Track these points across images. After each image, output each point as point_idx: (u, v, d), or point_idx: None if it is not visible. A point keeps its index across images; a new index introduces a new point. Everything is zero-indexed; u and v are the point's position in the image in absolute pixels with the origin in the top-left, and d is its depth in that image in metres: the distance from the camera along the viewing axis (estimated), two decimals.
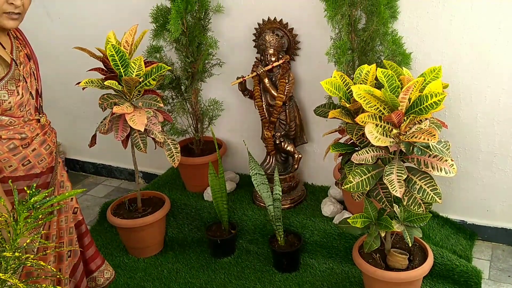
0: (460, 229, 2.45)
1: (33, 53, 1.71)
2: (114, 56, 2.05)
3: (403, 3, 2.17)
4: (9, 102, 1.50)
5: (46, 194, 1.04)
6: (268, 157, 2.64)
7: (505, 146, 2.26)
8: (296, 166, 2.59)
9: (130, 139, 2.20)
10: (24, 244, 1.04)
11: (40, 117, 1.67)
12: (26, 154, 1.59)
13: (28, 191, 1.07)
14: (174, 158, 2.22)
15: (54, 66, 3.21)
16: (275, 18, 2.45)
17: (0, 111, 1.50)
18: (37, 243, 1.06)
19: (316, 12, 2.27)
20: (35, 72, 1.66)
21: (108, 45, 2.06)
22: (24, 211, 0.97)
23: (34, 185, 1.06)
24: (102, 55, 2.19)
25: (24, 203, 0.97)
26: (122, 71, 2.08)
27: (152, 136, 2.16)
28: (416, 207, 1.70)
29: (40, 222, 1.08)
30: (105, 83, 2.05)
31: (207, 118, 2.76)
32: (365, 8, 2.10)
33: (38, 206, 0.99)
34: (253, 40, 2.57)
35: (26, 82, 1.58)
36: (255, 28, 2.53)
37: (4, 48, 1.54)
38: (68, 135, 3.48)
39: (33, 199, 0.98)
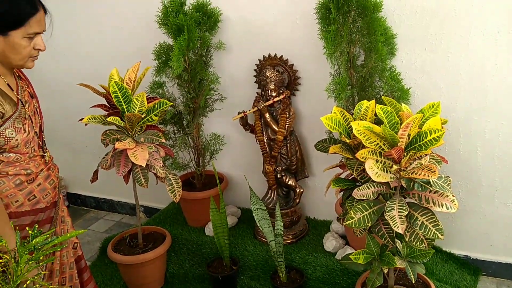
0: (464, 264, 2.42)
1: (35, 91, 1.76)
2: (117, 93, 2.09)
3: (400, 40, 2.21)
4: (16, 140, 1.54)
5: (48, 235, 1.04)
6: (270, 191, 2.63)
7: (506, 180, 2.26)
8: (297, 201, 2.58)
9: (131, 174, 2.20)
10: (24, 286, 1.04)
11: (45, 153, 1.71)
12: (32, 189, 1.62)
13: (30, 232, 1.07)
14: (175, 193, 2.22)
15: (58, 102, 3.26)
16: (275, 55, 2.50)
17: (8, 148, 1.54)
18: (38, 285, 1.06)
19: (316, 48, 2.31)
20: (38, 109, 1.71)
21: (111, 82, 2.10)
22: (26, 252, 0.97)
23: (36, 226, 1.06)
24: (105, 91, 2.22)
25: (25, 244, 0.97)
26: (124, 107, 2.11)
27: (153, 171, 2.17)
28: (418, 243, 1.69)
29: (41, 263, 1.08)
30: (108, 119, 2.07)
31: (209, 153, 2.78)
32: (363, 45, 2.15)
33: (39, 247, 0.99)
34: (254, 76, 2.61)
35: (31, 120, 1.62)
36: (256, 64, 2.57)
37: (12, 89, 1.59)
38: (70, 169, 3.49)
39: (34, 240, 0.98)
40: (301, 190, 2.57)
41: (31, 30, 1.49)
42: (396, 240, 1.79)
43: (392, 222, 1.61)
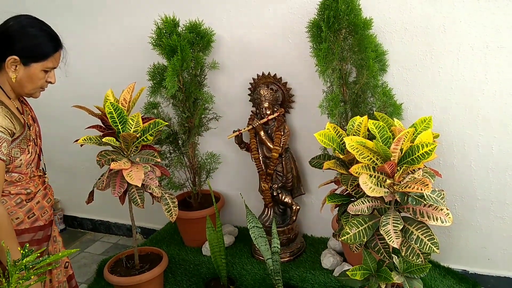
0: (462, 279, 2.41)
1: (36, 116, 1.84)
2: (113, 113, 2.10)
3: (391, 56, 2.24)
4: (20, 160, 1.59)
5: (39, 254, 1.05)
6: (266, 209, 2.63)
7: (501, 193, 2.26)
8: (294, 218, 2.58)
9: (127, 195, 2.20)
10: None
11: (45, 175, 1.78)
12: (31, 206, 1.66)
13: (21, 251, 1.07)
14: (171, 212, 2.22)
15: (53, 124, 3.27)
16: (269, 73, 2.53)
17: (11, 167, 1.59)
18: None
19: (308, 66, 2.34)
20: (39, 133, 1.78)
21: (106, 103, 2.11)
22: (17, 272, 0.97)
23: (27, 245, 1.07)
24: (100, 112, 2.24)
25: (16, 263, 0.96)
26: (120, 127, 2.12)
27: (149, 191, 2.17)
28: (414, 258, 1.68)
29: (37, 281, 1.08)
30: (103, 139, 2.08)
31: (205, 172, 2.78)
32: (355, 62, 2.18)
33: (30, 266, 0.99)
34: (249, 95, 2.64)
35: (35, 143, 1.69)
36: (250, 83, 2.60)
37: (21, 113, 1.66)
38: (66, 191, 3.49)
39: (25, 259, 0.98)
40: (298, 207, 2.57)
41: (50, 64, 1.62)
42: (392, 255, 1.79)
43: (388, 237, 1.61)
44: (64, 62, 1.73)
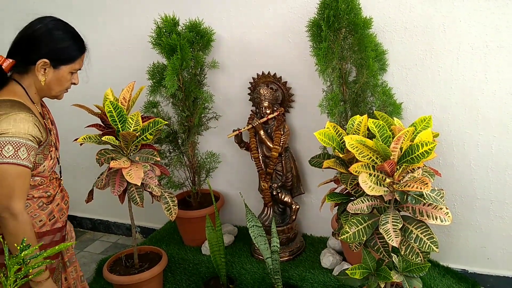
0: (462, 279, 2.41)
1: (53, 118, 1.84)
2: (112, 112, 2.10)
3: (391, 56, 2.24)
4: (43, 166, 1.59)
5: (36, 248, 1.04)
6: (266, 208, 2.63)
7: (500, 193, 2.27)
8: (294, 217, 2.58)
9: (127, 194, 2.20)
10: None
11: (61, 177, 1.78)
12: (52, 208, 1.67)
13: (18, 246, 1.07)
14: (171, 211, 2.22)
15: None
16: (269, 72, 2.53)
17: (35, 173, 1.58)
18: None
19: (308, 66, 2.34)
20: (57, 136, 1.79)
21: (106, 102, 2.11)
22: (14, 265, 0.97)
23: (25, 239, 1.07)
24: (100, 111, 2.24)
25: (14, 257, 0.97)
26: (119, 126, 2.12)
27: (149, 190, 2.17)
28: (414, 257, 1.68)
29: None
30: (103, 138, 2.08)
31: (204, 171, 2.78)
32: (355, 62, 2.18)
33: (28, 260, 0.99)
34: (248, 94, 2.64)
35: (56, 147, 1.70)
36: (250, 82, 2.60)
37: (43, 118, 1.65)
38: None
39: (23, 253, 0.98)
40: (297, 206, 2.57)
41: (77, 66, 1.64)
42: (392, 254, 1.79)
43: (387, 236, 1.61)
44: (87, 63, 1.74)
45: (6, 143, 1.40)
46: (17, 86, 1.56)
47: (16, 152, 1.41)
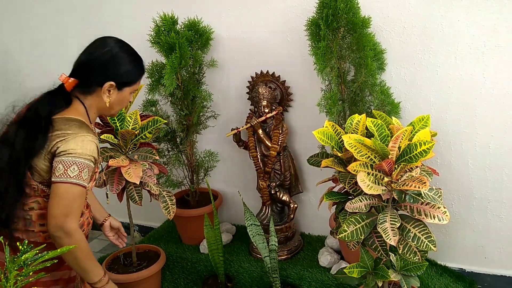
0: (459, 278, 2.42)
1: None
2: None
3: (390, 55, 2.25)
4: (89, 185, 1.56)
5: (38, 251, 1.04)
6: (264, 207, 2.64)
7: (498, 192, 2.27)
8: (292, 216, 2.58)
9: (125, 192, 2.20)
10: None
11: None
12: (83, 222, 1.66)
13: (21, 247, 1.07)
14: (169, 210, 2.22)
15: None
16: (267, 71, 2.53)
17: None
18: None
19: (307, 65, 2.35)
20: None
21: None
22: (15, 268, 0.97)
23: (26, 241, 1.06)
24: None
25: (15, 259, 0.96)
26: (118, 125, 2.12)
27: (147, 189, 2.18)
28: (411, 255, 1.69)
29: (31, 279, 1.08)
30: (101, 136, 2.09)
31: (203, 170, 2.78)
32: (353, 61, 2.18)
33: (29, 262, 0.99)
34: (247, 93, 2.64)
35: (98, 166, 1.68)
36: (248, 81, 2.60)
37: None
38: None
39: (24, 256, 0.98)
40: (295, 205, 2.58)
41: (137, 87, 1.70)
42: (389, 253, 1.80)
43: (385, 235, 1.62)
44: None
45: (72, 163, 1.45)
46: (80, 105, 1.60)
47: (80, 173, 1.45)
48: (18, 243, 1.06)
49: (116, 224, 2.01)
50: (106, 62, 1.59)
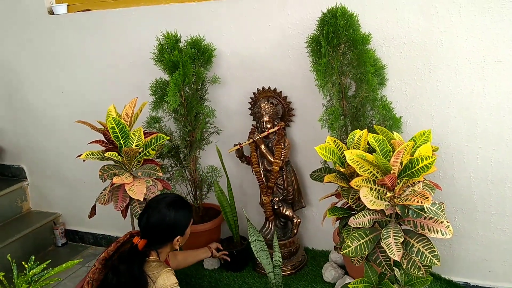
0: None
1: None
2: (115, 129, 2.12)
3: (390, 71, 2.27)
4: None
5: (45, 266, 1.05)
6: (267, 222, 2.64)
7: (501, 205, 2.28)
8: (295, 231, 2.58)
9: (129, 209, 2.22)
10: None
11: None
12: None
13: (26, 265, 1.08)
14: None
15: (56, 139, 3.30)
16: (269, 87, 2.56)
17: None
18: None
19: (308, 80, 2.37)
20: None
21: (109, 118, 2.14)
22: (23, 284, 0.98)
23: (33, 257, 1.07)
24: (102, 127, 2.26)
25: (22, 276, 0.98)
26: (122, 142, 2.14)
27: None
28: (416, 270, 1.70)
29: None
30: (106, 154, 2.10)
31: (206, 185, 2.80)
32: (354, 77, 2.20)
33: (36, 279, 1.00)
34: (249, 108, 2.66)
35: None
36: (250, 97, 2.63)
37: None
38: (67, 205, 3.50)
39: (31, 272, 0.99)
40: (299, 220, 2.58)
41: (191, 222, 2.06)
42: (394, 267, 1.80)
43: (389, 250, 1.63)
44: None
45: None
46: (153, 251, 1.97)
47: None
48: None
49: (214, 246, 2.55)
50: (170, 226, 1.95)
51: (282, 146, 2.48)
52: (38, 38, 3.13)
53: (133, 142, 2.16)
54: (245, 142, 2.53)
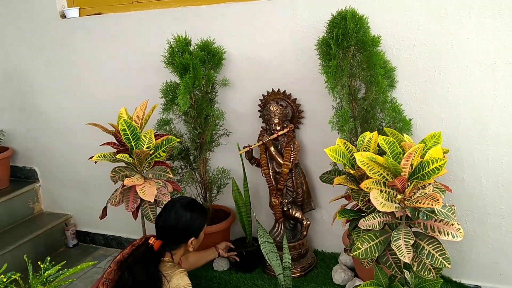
0: None
1: None
2: (126, 131, 2.14)
3: (400, 73, 2.27)
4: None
5: (60, 267, 1.07)
6: (277, 224, 2.64)
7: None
8: (305, 233, 2.59)
9: (140, 210, 2.24)
10: None
11: None
12: None
13: (42, 265, 1.10)
14: None
15: (68, 140, 3.34)
16: (278, 90, 2.57)
17: None
18: None
19: (318, 83, 2.38)
20: None
21: (120, 120, 2.16)
22: (39, 284, 0.99)
23: (48, 258, 1.09)
24: (114, 129, 2.28)
25: (38, 277, 0.99)
26: (133, 144, 2.16)
27: (161, 206, 2.20)
28: (426, 273, 1.69)
29: None
30: (117, 156, 2.13)
31: (216, 187, 2.81)
32: (364, 79, 2.21)
33: (51, 279, 1.02)
34: (258, 111, 2.67)
35: None
36: (260, 99, 2.64)
37: None
38: (79, 207, 3.53)
39: (46, 273, 1.00)
40: (308, 222, 2.58)
41: (205, 226, 2.12)
42: (404, 270, 1.80)
43: (399, 252, 1.62)
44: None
45: None
46: (168, 252, 2.02)
47: None
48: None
49: (223, 246, 2.57)
50: (185, 228, 2.02)
51: (292, 148, 2.49)
52: (50, 42, 3.17)
53: (144, 144, 2.18)
54: (254, 144, 2.54)
